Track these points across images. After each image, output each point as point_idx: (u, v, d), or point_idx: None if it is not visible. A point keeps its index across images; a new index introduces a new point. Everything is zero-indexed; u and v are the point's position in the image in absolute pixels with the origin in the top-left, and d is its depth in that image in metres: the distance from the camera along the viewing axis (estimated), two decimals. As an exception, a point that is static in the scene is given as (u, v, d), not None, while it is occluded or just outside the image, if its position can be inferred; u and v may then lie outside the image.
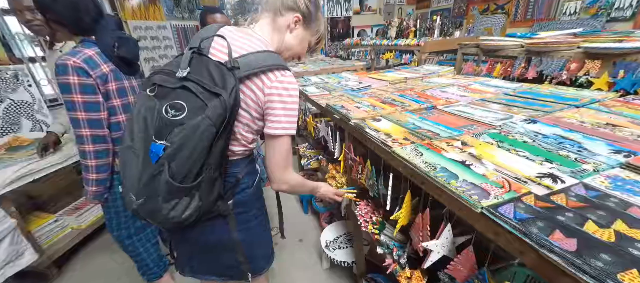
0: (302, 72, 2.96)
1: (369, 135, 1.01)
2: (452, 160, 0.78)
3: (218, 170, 0.78)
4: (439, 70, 2.30)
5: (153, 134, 0.69)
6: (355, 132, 1.14)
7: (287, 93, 0.80)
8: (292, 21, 0.88)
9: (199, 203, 0.75)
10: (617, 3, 3.42)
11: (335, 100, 1.54)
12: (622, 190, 0.63)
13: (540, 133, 0.95)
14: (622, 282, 0.39)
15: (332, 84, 2.05)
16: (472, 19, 5.24)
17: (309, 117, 1.82)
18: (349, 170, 1.34)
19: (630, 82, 1.63)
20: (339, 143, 1.39)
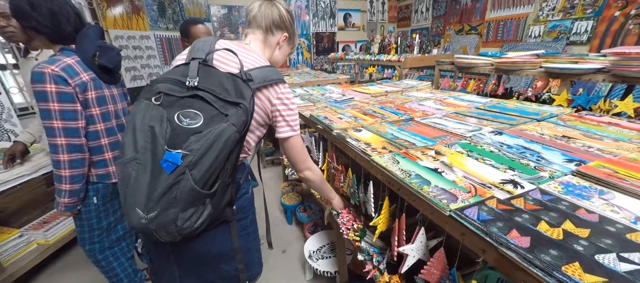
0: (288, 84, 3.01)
1: (350, 145, 1.05)
2: (425, 168, 0.84)
3: (231, 176, 0.79)
4: (418, 84, 2.43)
5: (165, 143, 0.67)
6: (337, 142, 1.19)
7: (290, 101, 0.92)
8: (281, 39, 0.99)
9: (210, 211, 0.75)
10: (575, 29, 3.80)
11: (318, 111, 1.59)
12: (573, 195, 0.70)
13: (505, 144, 1.04)
14: (566, 274, 0.44)
15: (317, 95, 2.11)
16: (448, 38, 5.59)
17: (294, 127, 1.86)
18: (331, 179, 1.37)
19: (586, 99, 1.81)
20: (322, 152, 1.42)
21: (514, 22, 4.46)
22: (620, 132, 1.13)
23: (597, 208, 0.64)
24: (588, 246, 0.51)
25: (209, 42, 0.86)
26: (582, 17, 3.73)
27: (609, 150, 0.94)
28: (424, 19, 6.19)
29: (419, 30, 6.28)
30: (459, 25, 5.36)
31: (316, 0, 5.92)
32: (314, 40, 6.15)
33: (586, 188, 0.73)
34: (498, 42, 4.75)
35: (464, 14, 5.24)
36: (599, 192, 0.71)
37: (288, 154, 1.00)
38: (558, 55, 2.29)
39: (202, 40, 0.87)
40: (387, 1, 6.59)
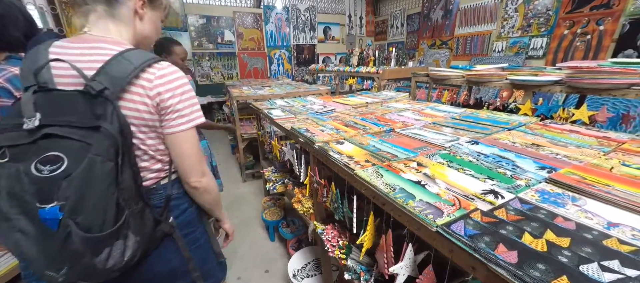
0: (268, 95, 2.97)
1: (333, 158, 1.03)
2: (409, 181, 0.83)
3: (141, 200, 0.70)
4: (397, 95, 2.50)
5: (36, 201, 0.56)
6: (319, 155, 1.16)
7: (175, 84, 0.72)
8: (138, 5, 0.75)
9: (136, 239, 0.67)
10: (532, 44, 4.17)
11: (300, 123, 1.56)
12: (549, 202, 0.72)
13: (482, 153, 1.07)
14: (554, 288, 0.44)
15: (298, 107, 2.09)
16: (422, 51, 5.89)
17: (275, 139, 1.80)
18: (314, 194, 1.33)
19: (547, 108, 1.95)
20: (304, 166, 1.38)
21: (479, 38, 4.81)
22: (581, 139, 1.21)
23: (573, 215, 0.66)
24: (571, 256, 0.51)
25: (39, 53, 0.65)
26: (537, 34, 4.10)
27: (574, 157, 1.00)
28: (400, 33, 6.49)
29: (395, 44, 6.56)
30: (431, 40, 5.67)
31: (296, 13, 6.01)
32: (295, 51, 6.20)
33: (560, 195, 0.76)
34: (467, 56, 5.08)
35: (436, 30, 5.56)
36: (572, 199, 0.74)
37: (179, 152, 0.77)
38: (520, 69, 2.47)
39: (28, 56, 0.66)
40: (365, 16, 6.85)
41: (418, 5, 5.79)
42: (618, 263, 0.50)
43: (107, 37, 0.71)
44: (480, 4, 4.65)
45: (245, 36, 5.52)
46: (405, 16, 6.17)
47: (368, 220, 0.89)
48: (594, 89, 1.59)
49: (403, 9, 6.16)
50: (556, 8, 3.79)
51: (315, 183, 1.23)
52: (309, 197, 1.40)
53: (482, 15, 4.68)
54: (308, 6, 6.02)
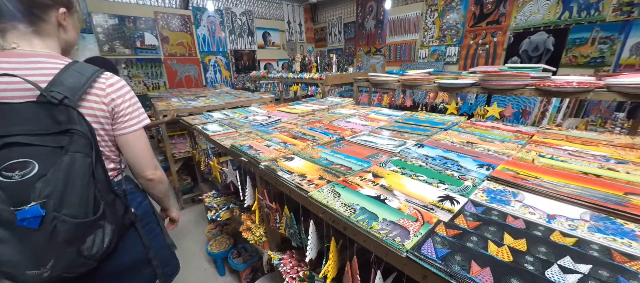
0: (203, 106, 2.63)
1: (283, 179, 0.90)
2: (368, 197, 0.76)
3: (111, 192, 0.79)
4: (341, 101, 2.51)
5: (10, 206, 0.61)
6: (267, 176, 1.01)
7: (124, 91, 0.83)
8: (60, 18, 0.77)
9: (113, 227, 0.76)
10: (448, 52, 4.83)
11: (242, 138, 1.38)
12: (496, 202, 0.75)
13: (428, 156, 1.09)
14: (533, 307, 0.41)
15: (239, 119, 1.88)
16: (359, 58, 6.24)
17: (213, 159, 1.56)
18: (266, 219, 1.17)
19: (467, 107, 2.22)
20: (250, 189, 1.21)
21: (407, 46, 5.34)
22: (501, 133, 1.37)
23: (519, 212, 0.69)
24: (534, 262, 0.51)
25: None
26: (450, 43, 4.76)
27: (502, 152, 1.11)
28: (338, 40, 6.74)
29: (335, 51, 6.78)
30: (367, 47, 6.06)
31: (231, 17, 5.64)
32: (233, 57, 5.80)
33: (502, 192, 0.80)
34: (398, 62, 5.58)
35: (370, 38, 5.97)
36: (513, 195, 0.78)
37: (134, 151, 0.89)
38: (442, 73, 2.78)
39: None
40: (304, 23, 6.90)
41: (353, 14, 6.13)
42: (570, 259, 0.52)
43: (39, 51, 0.73)
44: (406, 16, 5.18)
45: (172, 40, 4.89)
46: (342, 24, 6.45)
47: (330, 248, 0.79)
48: (500, 89, 1.86)
49: (340, 17, 6.43)
50: (462, 22, 4.48)
51: (265, 208, 1.08)
52: (260, 223, 1.23)
53: (407, 26, 5.22)
54: (244, 10, 5.74)
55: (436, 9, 4.74)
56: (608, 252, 0.53)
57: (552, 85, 1.60)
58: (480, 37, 4.38)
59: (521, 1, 3.77)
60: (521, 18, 3.84)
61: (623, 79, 1.39)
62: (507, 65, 1.99)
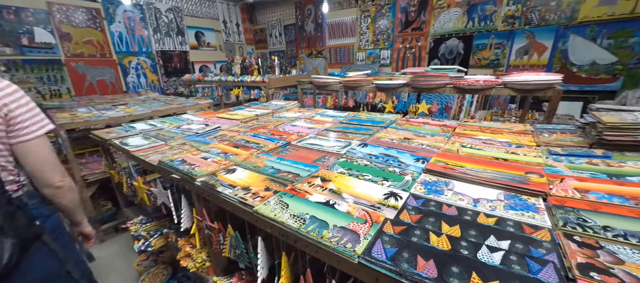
0: (123, 117, 2.23)
1: (224, 195, 0.81)
2: (317, 204, 0.74)
3: (10, 204, 0.75)
4: (286, 104, 2.46)
5: None
6: (205, 194, 0.90)
7: (17, 95, 0.79)
8: None
9: (13, 241, 0.71)
10: (382, 55, 5.26)
11: (173, 152, 1.21)
12: (432, 193, 0.81)
13: (372, 154, 1.14)
14: (471, 291, 0.44)
15: (170, 129, 1.65)
16: (302, 60, 6.28)
17: (138, 179, 1.32)
18: (208, 242, 1.04)
19: (402, 105, 2.43)
20: (186, 209, 1.05)
21: (346, 49, 5.62)
22: (431, 128, 1.53)
23: (451, 200, 0.77)
24: (467, 246, 0.56)
25: None
26: (383, 47, 5.18)
27: (433, 145, 1.23)
28: (279, 42, 6.65)
29: (276, 53, 6.67)
30: (308, 50, 6.14)
31: (155, 13, 4.99)
32: (160, 59, 5.14)
33: (436, 182, 0.88)
34: (338, 64, 5.81)
35: (311, 41, 6.06)
36: (445, 184, 0.87)
37: (39, 160, 0.84)
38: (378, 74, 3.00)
39: None
40: (242, 23, 6.59)
41: (292, 17, 6.13)
42: (494, 238, 0.59)
43: None
44: (342, 20, 5.44)
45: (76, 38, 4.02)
46: (282, 26, 6.38)
47: (281, 263, 0.74)
48: (427, 88, 2.09)
49: (279, 19, 6.35)
50: (392, 28, 4.94)
51: (206, 229, 0.96)
52: (201, 247, 1.09)
53: (345, 30, 5.49)
54: (170, 6, 5.13)
55: (369, 14, 5.10)
56: (520, 226, 0.63)
57: (466, 83, 1.87)
58: (407, 42, 4.88)
59: (437, 11, 4.34)
60: (438, 26, 4.42)
61: (514, 77, 1.71)
62: (431, 67, 2.25)
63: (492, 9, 3.83)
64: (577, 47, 3.40)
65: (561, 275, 0.47)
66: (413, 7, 4.57)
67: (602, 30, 3.23)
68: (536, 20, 3.57)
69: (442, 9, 4.27)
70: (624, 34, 3.13)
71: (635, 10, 3.01)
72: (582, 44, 3.36)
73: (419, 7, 4.51)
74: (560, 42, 3.48)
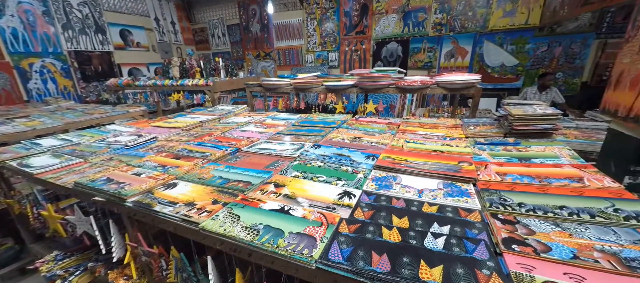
0: (18, 133, 1.80)
1: (163, 215, 0.71)
2: (272, 212, 0.71)
3: None
4: (235, 108, 2.33)
5: None
6: (139, 215, 0.78)
7: None
8: None
9: None
10: (330, 57, 5.42)
11: (96, 171, 1.02)
12: (383, 188, 0.86)
13: (325, 155, 1.15)
14: (423, 279, 0.47)
15: (90, 144, 1.40)
16: (249, 62, 6.05)
17: (48, 207, 1.06)
18: (147, 270, 0.90)
19: (351, 105, 2.53)
20: (117, 236, 0.89)
21: (294, 51, 5.62)
22: (379, 126, 1.63)
23: (399, 193, 0.81)
24: (415, 236, 0.60)
25: None
26: (331, 49, 5.34)
27: (381, 142, 1.30)
28: (223, 43, 6.29)
29: (221, 54, 6.28)
30: (255, 51, 5.94)
31: (64, 7, 4.18)
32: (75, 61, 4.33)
33: (386, 178, 0.93)
34: (288, 66, 5.78)
35: (257, 42, 5.88)
36: (394, 178, 0.92)
37: None
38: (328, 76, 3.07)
39: None
40: (178, 22, 6.01)
41: (236, 16, 5.86)
42: (437, 225, 0.64)
43: None
44: (289, 22, 5.43)
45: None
46: (225, 26, 6.04)
47: (235, 281, 0.68)
48: (373, 89, 2.22)
49: (221, 18, 6.00)
50: (337, 31, 5.13)
51: (143, 256, 0.83)
52: (139, 277, 0.93)
53: (292, 31, 5.49)
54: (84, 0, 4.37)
55: (315, 17, 5.20)
56: (457, 211, 0.70)
57: (406, 84, 2.04)
58: (353, 45, 5.13)
59: (377, 16, 4.66)
60: (379, 30, 4.75)
61: (444, 78, 1.93)
62: (375, 69, 2.40)
63: (423, 16, 4.28)
64: (489, 52, 4.04)
65: (491, 251, 0.53)
66: (356, 11, 4.82)
67: (507, 38, 3.90)
68: (458, 28, 4.12)
69: (382, 14, 4.60)
70: (522, 41, 3.83)
71: (528, 22, 3.72)
72: (493, 49, 4.01)
73: (361, 12, 4.78)
74: (477, 47, 4.08)
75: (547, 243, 0.54)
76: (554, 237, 0.56)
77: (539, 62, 3.82)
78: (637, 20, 1.17)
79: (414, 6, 4.30)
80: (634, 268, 0.46)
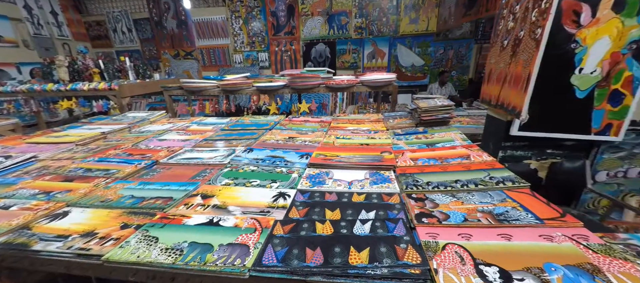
0: None
1: (47, 255, 0.56)
2: (199, 227, 0.64)
3: None
4: (150, 115, 2.02)
5: None
6: (9, 261, 0.59)
7: None
8: None
9: None
10: (260, 57, 5.27)
11: None
12: (317, 184, 0.88)
13: (258, 158, 1.11)
14: (353, 265, 0.51)
15: None
16: (167, 62, 5.35)
17: None
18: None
19: (285, 106, 2.53)
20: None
21: (221, 51, 5.24)
22: (312, 125, 1.67)
23: (331, 187, 0.86)
24: (346, 225, 0.64)
25: None
26: (260, 49, 5.21)
27: (314, 140, 1.34)
28: (130, 40, 5.38)
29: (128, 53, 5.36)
30: (173, 50, 5.30)
31: None
32: None
33: (319, 174, 0.96)
34: (214, 67, 5.36)
35: (175, 40, 5.25)
36: (326, 174, 0.96)
37: None
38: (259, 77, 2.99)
39: None
40: (62, 12, 4.83)
41: (144, 9, 5.08)
42: (364, 212, 0.70)
43: None
44: (211, 19, 5.02)
45: None
46: (130, 20, 5.16)
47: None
48: (304, 89, 2.27)
49: (125, 10, 5.10)
50: (265, 31, 5.04)
51: (18, 313, 0.63)
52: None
53: (215, 29, 5.10)
54: None
55: (240, 16, 4.97)
56: (380, 196, 0.78)
57: (334, 83, 2.15)
58: (282, 45, 5.12)
59: (303, 18, 4.77)
60: (306, 31, 4.88)
61: (367, 77, 2.12)
62: (306, 69, 2.46)
63: (345, 19, 4.61)
64: (402, 54, 4.64)
65: (407, 227, 0.61)
66: (282, 12, 4.82)
67: (414, 42, 4.55)
68: (376, 32, 4.59)
69: (308, 16, 4.74)
70: (425, 44, 4.54)
71: (428, 29, 4.42)
72: (405, 51, 4.62)
73: (288, 13, 4.81)
74: (392, 49, 4.64)
75: (446, 212, 0.65)
76: (452, 206, 0.68)
77: (439, 63, 4.61)
78: (496, 29, 1.54)
79: (337, 10, 4.58)
80: (501, 220, 0.61)
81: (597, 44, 1.09)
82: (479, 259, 0.49)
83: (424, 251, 0.53)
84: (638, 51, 1.08)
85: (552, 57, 1.13)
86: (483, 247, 0.52)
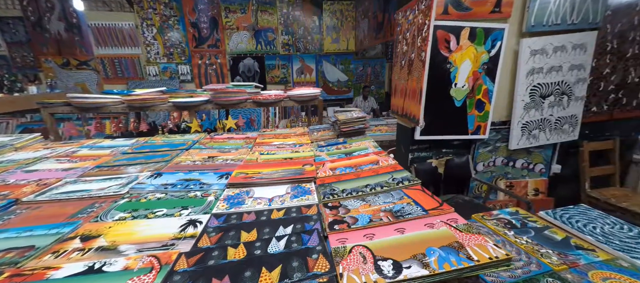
0: None
1: None
2: (71, 278, 0.51)
3: None
4: (18, 140, 1.55)
5: None
6: None
7: None
8: None
9: None
10: (180, 70, 4.80)
11: None
12: (235, 206, 0.83)
13: (168, 184, 0.98)
14: (262, 286, 0.49)
15: None
16: (51, 72, 4.30)
17: None
18: None
19: (209, 122, 2.35)
20: None
21: (129, 61, 4.54)
22: (235, 142, 1.59)
23: (250, 207, 0.82)
24: (261, 245, 0.62)
25: None
26: (180, 62, 4.76)
27: (237, 158, 1.28)
28: (-11, 43, 4.14)
29: (-16, 60, 4.11)
30: (61, 58, 4.31)
31: None
32: None
33: (239, 194, 0.91)
34: (122, 79, 4.60)
35: (63, 46, 4.30)
36: (246, 193, 0.92)
37: None
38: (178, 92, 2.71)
39: None
40: None
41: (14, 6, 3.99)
42: (282, 228, 0.69)
43: None
44: (116, 25, 4.32)
45: None
46: (-8, 19, 3.97)
47: None
48: (229, 104, 2.16)
49: (-18, 6, 3.91)
50: (186, 42, 4.64)
51: None
52: None
53: (121, 37, 4.40)
54: None
55: (153, 24, 4.45)
56: (299, 209, 0.79)
57: (262, 98, 2.13)
58: (206, 58, 4.79)
59: (229, 32, 4.62)
60: (232, 45, 4.72)
61: (294, 92, 2.17)
62: (232, 84, 2.35)
63: (272, 36, 4.67)
64: (328, 70, 4.96)
65: (321, 236, 0.63)
66: (205, 23, 4.56)
67: (337, 59, 4.94)
68: (303, 49, 4.79)
69: (233, 30, 4.61)
70: (347, 62, 4.97)
71: (348, 48, 4.87)
72: (330, 68, 4.96)
73: (211, 25, 4.58)
74: (319, 66, 4.91)
75: (356, 216, 0.71)
76: (361, 210, 0.74)
77: (360, 78, 5.12)
78: (396, 51, 1.81)
79: (263, 26, 4.60)
80: (398, 216, 0.69)
81: (463, 65, 1.41)
82: (378, 256, 0.54)
83: (332, 258, 0.55)
84: (489, 70, 1.44)
85: (435, 75, 1.40)
86: (382, 244, 0.58)
